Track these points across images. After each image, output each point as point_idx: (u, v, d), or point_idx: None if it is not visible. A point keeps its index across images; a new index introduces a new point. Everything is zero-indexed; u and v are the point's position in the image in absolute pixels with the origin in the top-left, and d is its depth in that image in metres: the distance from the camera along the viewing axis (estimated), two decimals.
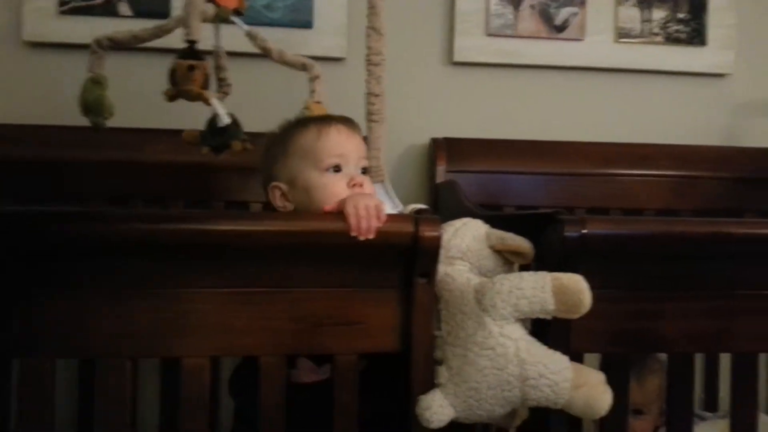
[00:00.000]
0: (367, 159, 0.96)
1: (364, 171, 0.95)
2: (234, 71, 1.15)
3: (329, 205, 0.79)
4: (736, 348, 0.81)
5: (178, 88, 0.93)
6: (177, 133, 1.10)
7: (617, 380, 0.78)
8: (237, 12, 1.01)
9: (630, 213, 1.48)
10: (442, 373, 0.75)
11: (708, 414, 1.23)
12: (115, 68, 1.07)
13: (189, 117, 1.12)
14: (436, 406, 0.72)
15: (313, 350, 0.77)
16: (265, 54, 1.05)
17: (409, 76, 1.54)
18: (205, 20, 0.97)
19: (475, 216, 1.02)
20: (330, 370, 0.79)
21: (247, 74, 1.28)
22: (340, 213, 0.73)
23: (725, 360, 1.02)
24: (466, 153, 1.47)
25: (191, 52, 0.93)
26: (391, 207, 1.05)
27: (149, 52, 1.26)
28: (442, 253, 0.81)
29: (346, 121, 0.97)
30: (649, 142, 1.54)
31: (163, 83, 1.00)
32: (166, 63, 1.00)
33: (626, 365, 0.80)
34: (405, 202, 1.51)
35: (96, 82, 0.97)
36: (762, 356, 0.87)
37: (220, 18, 0.98)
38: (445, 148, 1.46)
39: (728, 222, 0.77)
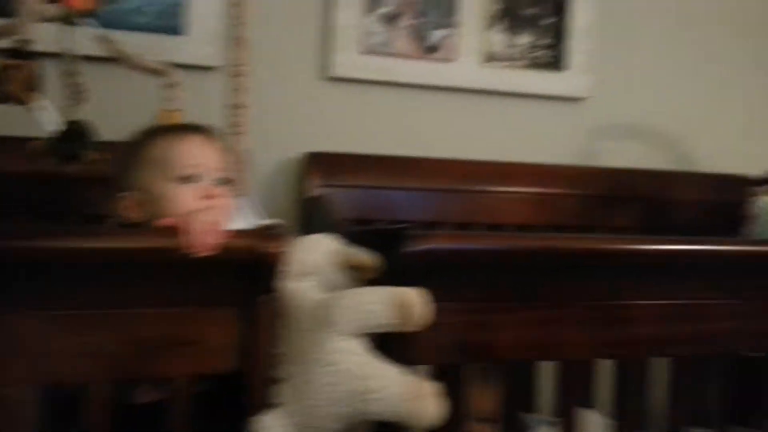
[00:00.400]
0: (226, 170, 0.94)
1: (224, 183, 0.93)
2: (93, 76, 1.09)
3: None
4: (566, 355, 0.87)
5: (5, 91, 0.87)
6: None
7: (456, 390, 0.81)
8: (88, 13, 0.96)
9: (493, 228, 1.55)
10: (282, 392, 0.75)
11: (532, 418, 1.29)
12: None
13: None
14: (275, 426, 0.72)
15: (149, 375, 0.74)
16: (119, 59, 1.01)
17: (285, 89, 1.54)
18: (47, 20, 0.91)
19: (336, 231, 1.03)
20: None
21: (106, 80, 1.22)
22: (173, 228, 0.71)
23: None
24: (340, 168, 1.49)
25: (14, 51, 0.87)
26: (253, 221, 1.04)
27: None
28: (291, 269, 0.81)
29: (204, 131, 0.95)
30: (513, 160, 1.62)
31: None
32: None
33: (465, 375, 0.84)
34: (277, 216, 1.51)
35: None
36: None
37: (67, 19, 0.93)
38: (319, 163, 1.47)
39: (557, 237, 0.82)
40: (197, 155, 0.89)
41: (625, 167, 1.69)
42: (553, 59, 1.69)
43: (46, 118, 0.91)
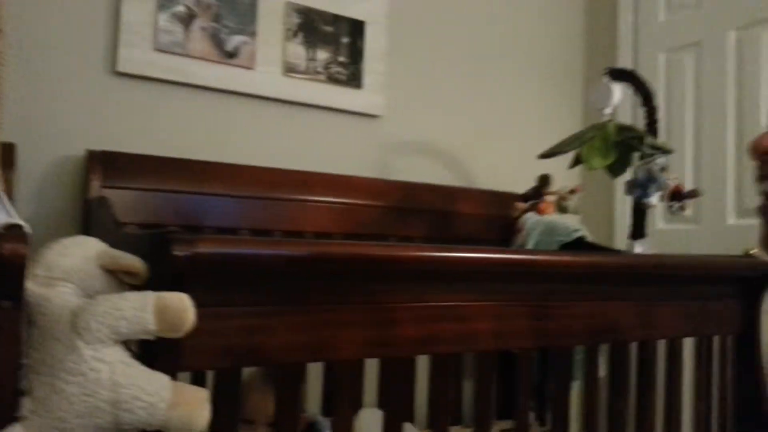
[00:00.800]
0: None
1: None
2: None
3: None
4: (337, 356, 0.91)
5: None
6: None
7: (227, 394, 0.81)
8: None
9: (292, 235, 1.58)
10: (26, 405, 0.68)
11: (326, 420, 1.34)
12: None
13: None
14: None
15: None
16: None
17: (67, 83, 1.42)
18: None
19: (111, 235, 0.97)
20: None
21: None
22: None
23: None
24: (126, 168, 1.40)
25: None
26: (3, 219, 0.94)
27: None
28: (43, 273, 0.75)
29: None
30: (312, 170, 1.66)
31: None
32: None
33: (236, 379, 0.83)
34: (53, 219, 1.39)
35: None
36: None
37: None
38: (102, 162, 1.37)
39: (322, 243, 0.85)
40: None
41: (415, 181, 1.82)
42: (349, 77, 1.76)
43: None
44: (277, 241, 0.86)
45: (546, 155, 1.56)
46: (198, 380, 1.23)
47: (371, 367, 1.08)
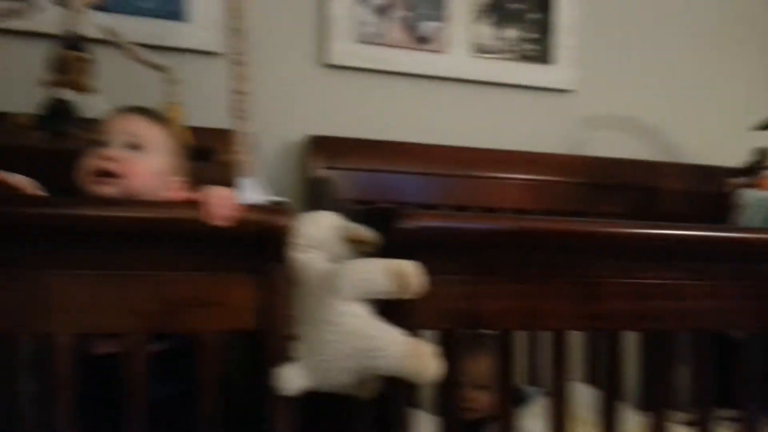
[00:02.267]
0: (137, 137, 0.96)
1: (134, 147, 0.95)
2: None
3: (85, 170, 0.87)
4: (548, 326, 0.95)
5: (66, 78, 0.93)
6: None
7: (449, 353, 0.89)
8: (97, 6, 1.02)
9: (487, 211, 1.63)
10: (298, 348, 0.83)
11: (532, 389, 1.38)
12: None
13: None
14: (292, 377, 0.81)
15: (177, 330, 0.82)
16: (124, 52, 1.07)
17: (284, 75, 1.60)
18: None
19: (338, 209, 1.10)
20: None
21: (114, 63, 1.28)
22: (196, 202, 0.78)
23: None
24: (340, 151, 1.56)
25: (76, 43, 0.93)
26: (259, 198, 1.11)
27: None
28: (299, 241, 0.89)
29: (135, 110, 1.01)
30: (504, 148, 1.70)
31: None
32: None
33: (457, 340, 0.91)
34: (282, 195, 1.58)
35: None
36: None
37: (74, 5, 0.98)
38: (320, 146, 1.54)
39: (534, 219, 0.90)
40: (109, 125, 0.97)
41: (613, 157, 1.77)
42: (540, 53, 1.76)
43: (100, 102, 0.98)
44: (491, 217, 0.93)
45: (763, 127, 1.44)
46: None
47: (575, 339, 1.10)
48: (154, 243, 0.78)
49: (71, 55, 0.94)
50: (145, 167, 0.92)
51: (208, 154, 1.09)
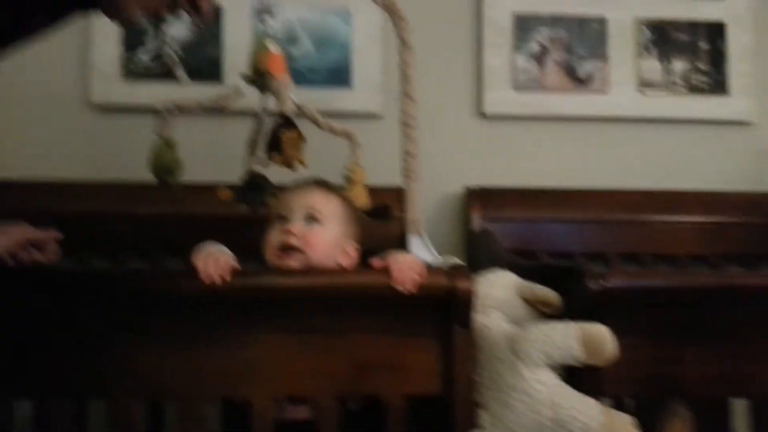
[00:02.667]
0: (316, 210, 0.99)
1: (311, 219, 0.98)
2: None
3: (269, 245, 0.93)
4: (756, 392, 0.86)
5: (289, 156, 1.04)
6: (211, 188, 1.20)
7: (645, 423, 0.83)
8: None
9: (661, 258, 1.52)
10: (483, 417, 0.82)
11: None
12: None
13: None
14: None
15: (365, 393, 0.85)
16: (313, 123, 1.15)
17: (441, 127, 1.62)
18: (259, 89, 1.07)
19: (507, 266, 1.09)
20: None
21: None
22: (384, 268, 0.81)
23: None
24: (500, 202, 1.54)
25: (291, 123, 1.03)
26: (429, 258, 1.13)
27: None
28: (480, 302, 0.89)
29: (312, 183, 1.05)
30: (677, 188, 1.59)
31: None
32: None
33: (653, 408, 0.85)
34: (440, 250, 1.59)
35: (168, 145, 1.08)
36: None
37: (274, 90, 1.08)
38: (479, 197, 1.54)
39: (738, 275, 0.82)
40: (289, 201, 1.01)
41: None
42: (712, 84, 1.65)
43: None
44: (688, 273, 0.86)
45: None
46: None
47: None
48: (346, 309, 0.82)
49: (292, 136, 1.03)
50: (323, 239, 0.96)
51: (386, 213, 1.13)
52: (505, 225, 1.50)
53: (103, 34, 1.50)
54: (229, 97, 1.11)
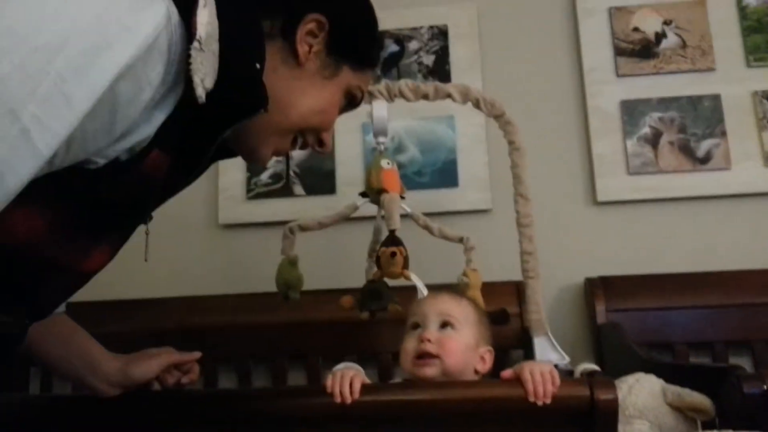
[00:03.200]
0: (449, 316, 0.98)
1: (445, 325, 0.97)
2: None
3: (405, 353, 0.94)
4: None
5: (383, 271, 1.08)
6: (336, 292, 1.24)
7: None
8: (402, 196, 1.16)
9: None
10: None
11: None
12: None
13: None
14: None
15: None
16: (426, 230, 1.18)
17: (557, 218, 1.59)
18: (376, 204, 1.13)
19: (641, 362, 1.03)
20: None
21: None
22: (517, 379, 0.79)
23: None
24: (623, 291, 1.48)
25: (393, 239, 1.08)
26: (557, 358, 1.09)
27: None
28: (623, 411, 0.83)
29: (445, 290, 1.06)
30: None
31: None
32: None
33: None
34: (566, 345, 1.52)
35: (292, 263, 1.15)
36: None
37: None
38: (602, 287, 1.48)
39: None
40: (423, 307, 1.00)
41: None
42: None
43: (420, 286, 1.10)
44: None
45: None
46: None
47: None
48: (479, 423, 0.80)
49: (387, 252, 1.07)
50: (459, 344, 0.95)
51: (503, 318, 1.12)
52: (632, 315, 1.43)
53: (231, 161, 1.65)
54: (346, 213, 1.16)
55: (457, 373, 0.92)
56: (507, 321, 1.11)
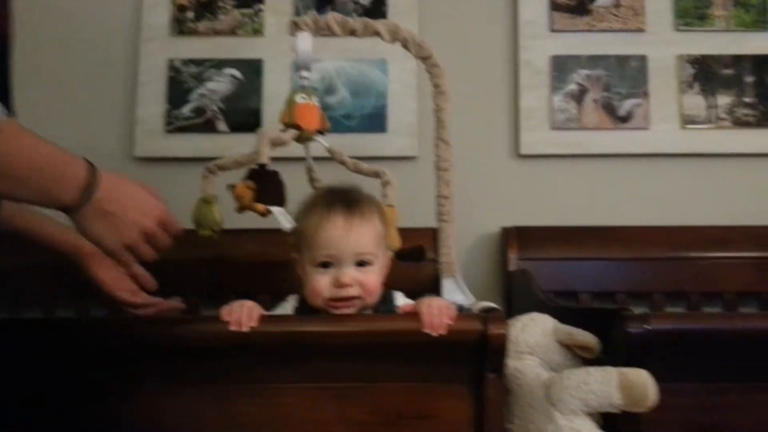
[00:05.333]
0: (366, 253, 0.92)
1: (362, 263, 0.92)
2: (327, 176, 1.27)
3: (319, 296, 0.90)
4: None
5: (239, 205, 1.07)
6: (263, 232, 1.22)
7: None
8: (320, 131, 1.14)
9: (708, 296, 1.47)
10: None
11: None
12: None
13: None
14: None
15: None
16: (342, 164, 1.17)
17: (479, 168, 1.62)
18: (282, 144, 1.10)
19: (545, 308, 1.07)
20: None
21: (335, 177, 1.40)
22: (415, 313, 0.81)
23: None
24: (537, 241, 1.52)
25: (252, 173, 1.06)
26: (463, 300, 1.12)
27: None
28: (512, 348, 0.87)
29: (350, 210, 0.94)
30: (723, 224, 1.53)
31: None
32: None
33: None
34: (478, 290, 1.58)
35: (206, 202, 1.12)
36: None
37: (304, 138, 1.11)
38: (516, 237, 1.52)
39: None
40: (336, 243, 0.91)
41: None
42: (758, 117, 1.60)
43: (282, 219, 1.07)
44: (734, 316, 0.82)
45: None
46: None
47: None
48: (375, 356, 0.81)
49: (240, 186, 1.07)
50: (377, 277, 0.92)
51: (419, 254, 1.13)
52: (544, 265, 1.47)
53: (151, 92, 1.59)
54: (264, 153, 1.14)
55: (374, 301, 0.92)
56: (423, 258, 1.12)
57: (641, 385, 0.74)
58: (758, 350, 0.81)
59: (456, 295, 1.12)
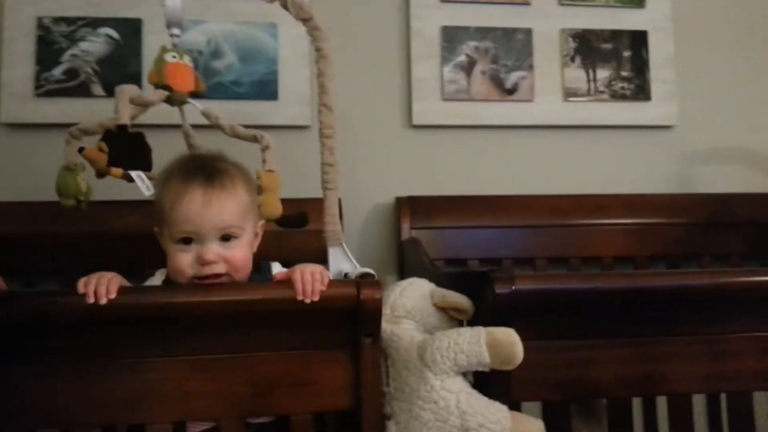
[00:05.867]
0: (228, 226, 0.88)
1: (227, 238, 0.88)
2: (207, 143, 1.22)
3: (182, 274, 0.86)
4: (669, 390, 0.86)
5: (96, 168, 1.01)
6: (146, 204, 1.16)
7: (557, 427, 0.83)
8: (195, 94, 1.08)
9: (589, 261, 1.55)
10: (391, 428, 0.79)
11: None
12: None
13: None
14: None
15: (270, 412, 0.82)
16: (219, 129, 1.12)
17: (372, 139, 1.62)
18: (147, 105, 1.04)
19: (429, 273, 1.08)
20: None
21: (215, 144, 1.35)
22: (288, 281, 0.79)
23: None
24: (428, 210, 1.54)
25: (114, 135, 0.99)
26: (350, 268, 1.11)
27: None
28: (389, 312, 0.87)
29: (210, 182, 0.89)
30: (603, 192, 1.62)
31: None
32: None
33: (565, 412, 0.85)
34: (374, 259, 1.59)
35: (69, 169, 1.04)
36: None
37: (176, 101, 1.05)
38: (409, 206, 1.54)
39: (644, 274, 0.83)
40: (194, 218, 0.86)
41: (723, 192, 1.64)
42: (635, 90, 1.69)
43: (141, 184, 1.01)
44: (593, 276, 0.86)
45: None
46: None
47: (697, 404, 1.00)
48: (245, 324, 0.79)
49: (94, 149, 1.01)
50: (244, 251, 0.89)
51: (302, 220, 1.11)
52: (435, 233, 1.50)
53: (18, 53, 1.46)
54: (133, 114, 1.06)
55: (244, 275, 0.89)
56: (306, 224, 1.10)
57: (509, 343, 0.77)
58: (617, 307, 0.85)
59: (343, 263, 1.11)
